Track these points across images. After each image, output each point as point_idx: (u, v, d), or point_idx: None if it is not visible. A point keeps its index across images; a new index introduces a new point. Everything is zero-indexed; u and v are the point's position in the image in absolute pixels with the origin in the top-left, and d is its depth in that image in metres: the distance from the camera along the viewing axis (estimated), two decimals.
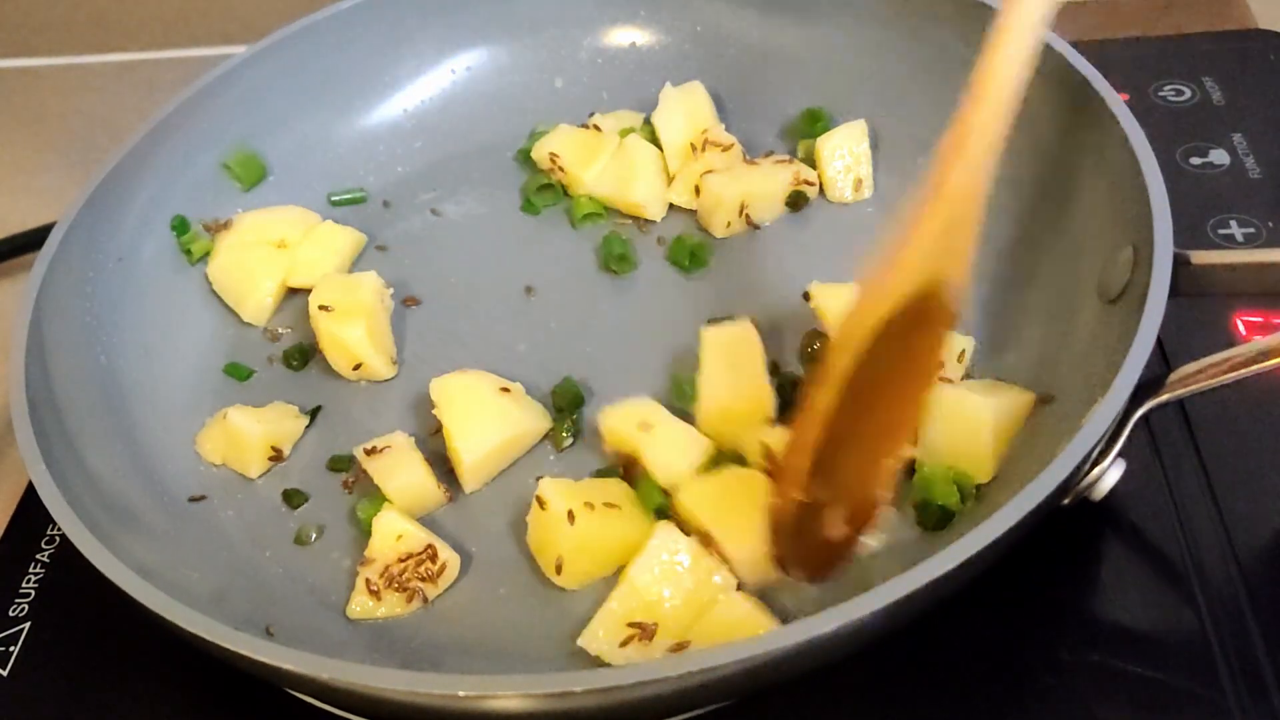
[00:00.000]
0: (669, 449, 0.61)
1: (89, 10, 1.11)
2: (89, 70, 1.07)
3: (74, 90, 1.05)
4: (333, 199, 0.81)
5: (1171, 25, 0.94)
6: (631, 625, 0.54)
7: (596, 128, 0.80)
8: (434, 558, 0.59)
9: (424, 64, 0.85)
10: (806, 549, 0.54)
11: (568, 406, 0.66)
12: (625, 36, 0.86)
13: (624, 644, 0.54)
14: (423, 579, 0.59)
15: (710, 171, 0.75)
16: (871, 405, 0.51)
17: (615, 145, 0.78)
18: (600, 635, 0.55)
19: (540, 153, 0.80)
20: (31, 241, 0.86)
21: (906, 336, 0.50)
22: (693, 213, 0.77)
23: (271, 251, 0.74)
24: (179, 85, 0.77)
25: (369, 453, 0.63)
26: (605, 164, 0.78)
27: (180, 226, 0.74)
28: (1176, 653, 0.55)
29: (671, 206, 0.78)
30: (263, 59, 0.79)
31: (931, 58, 0.76)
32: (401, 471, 0.62)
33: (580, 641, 0.55)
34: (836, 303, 0.65)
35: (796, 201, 0.75)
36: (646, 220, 0.77)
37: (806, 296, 0.67)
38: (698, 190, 0.76)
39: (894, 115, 0.77)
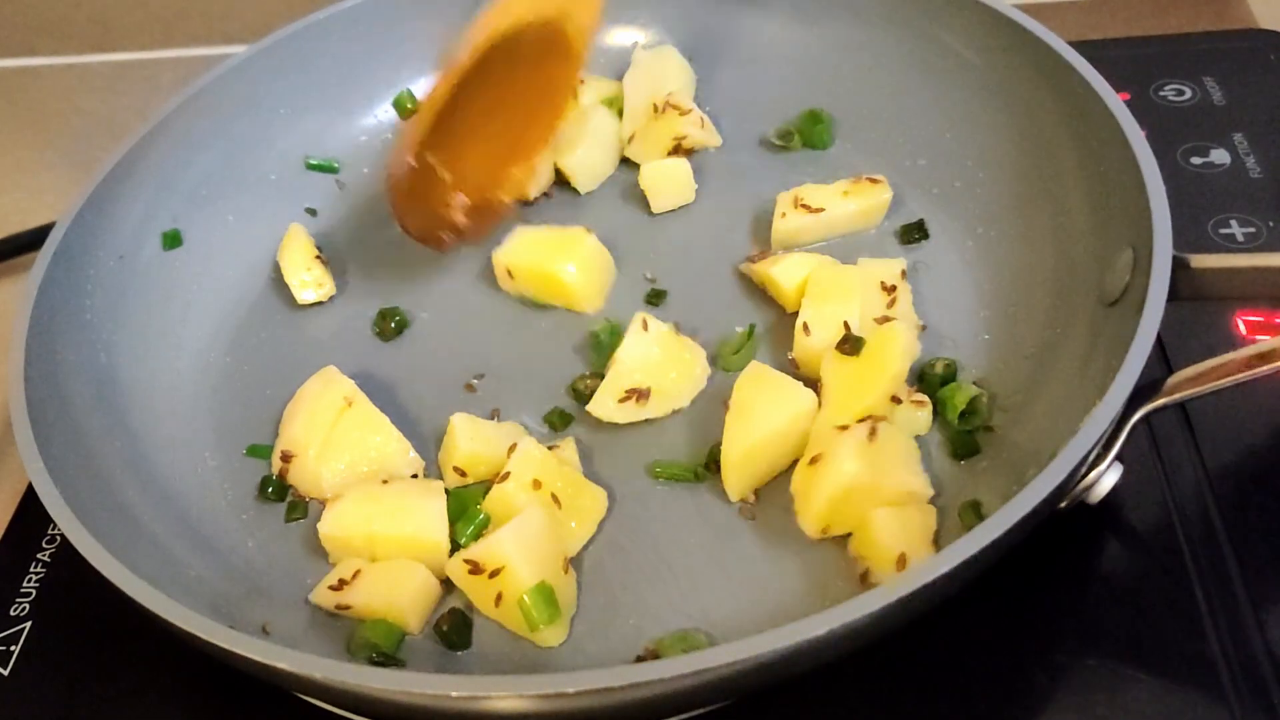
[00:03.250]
0: None
1: (89, 10, 1.11)
2: (89, 70, 1.07)
3: (74, 90, 1.05)
4: (310, 162, 0.81)
5: (1171, 25, 0.94)
6: (627, 391, 0.63)
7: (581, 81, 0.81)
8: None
9: (425, 63, 0.84)
10: (424, 216, 0.66)
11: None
12: (628, 36, 0.86)
13: (621, 400, 0.63)
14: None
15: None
16: (498, 112, 0.62)
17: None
18: (605, 402, 0.63)
19: None
20: (32, 241, 0.86)
21: (536, 59, 0.61)
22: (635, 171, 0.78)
23: None
24: (179, 85, 0.77)
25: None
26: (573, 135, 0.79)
27: (173, 239, 0.75)
28: (1176, 655, 0.55)
29: (624, 161, 0.80)
30: (263, 59, 0.79)
31: (931, 57, 0.76)
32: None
33: (589, 408, 0.64)
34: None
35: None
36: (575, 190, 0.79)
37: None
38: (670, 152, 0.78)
39: (894, 114, 0.77)
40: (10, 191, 0.95)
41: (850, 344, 0.61)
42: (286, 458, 0.64)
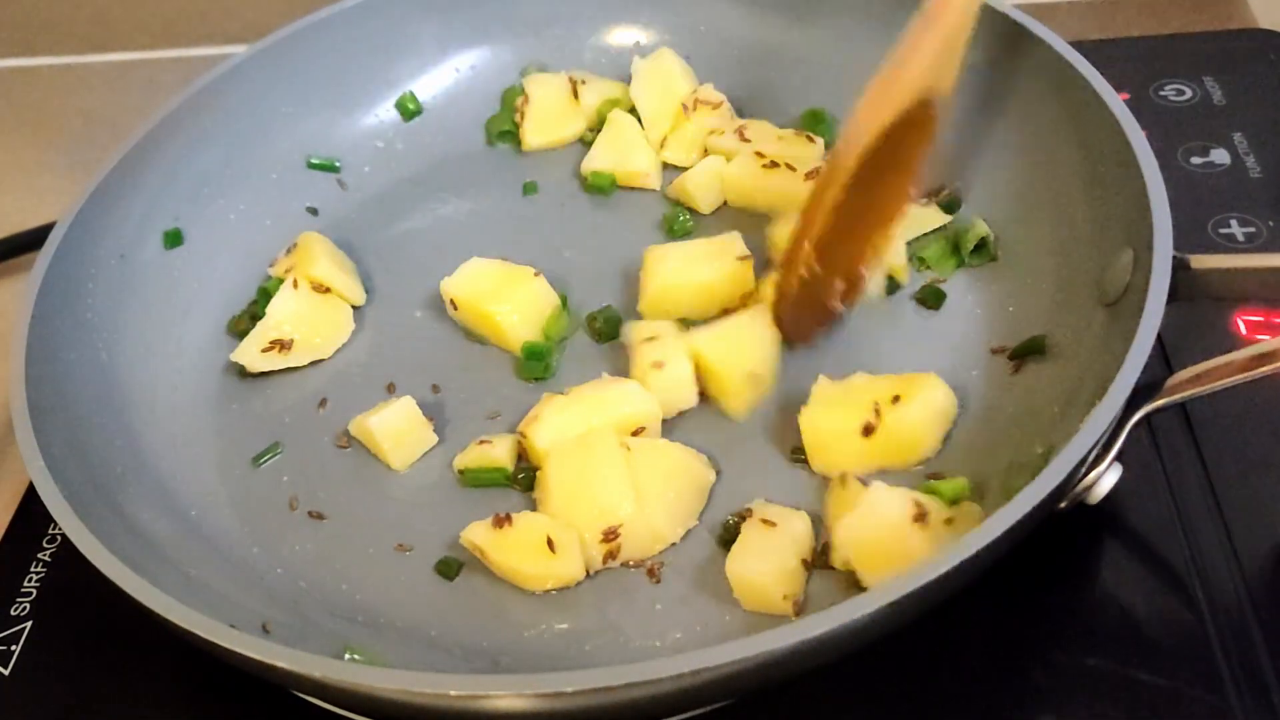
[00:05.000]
0: None
1: (89, 10, 1.11)
2: (89, 70, 1.07)
3: (74, 90, 1.05)
4: (311, 162, 0.81)
5: (1171, 25, 0.94)
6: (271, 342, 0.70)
7: (581, 82, 0.82)
8: None
9: (427, 63, 0.85)
10: (804, 319, 0.65)
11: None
12: (629, 36, 0.86)
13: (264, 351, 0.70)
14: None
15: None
16: (867, 197, 0.61)
17: (586, 107, 0.81)
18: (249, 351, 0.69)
19: (512, 98, 0.84)
20: (32, 241, 0.87)
21: (900, 139, 0.60)
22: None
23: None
24: (179, 85, 0.77)
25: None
26: (599, 140, 0.80)
27: (174, 238, 0.75)
28: (1178, 656, 0.55)
29: (666, 166, 0.80)
30: (263, 59, 0.79)
31: None
32: None
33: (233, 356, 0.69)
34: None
35: None
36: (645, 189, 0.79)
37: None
38: (706, 151, 0.78)
39: None
40: (10, 191, 0.95)
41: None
42: (611, 536, 0.59)
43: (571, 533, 0.59)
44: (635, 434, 0.63)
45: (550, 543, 0.58)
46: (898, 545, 0.55)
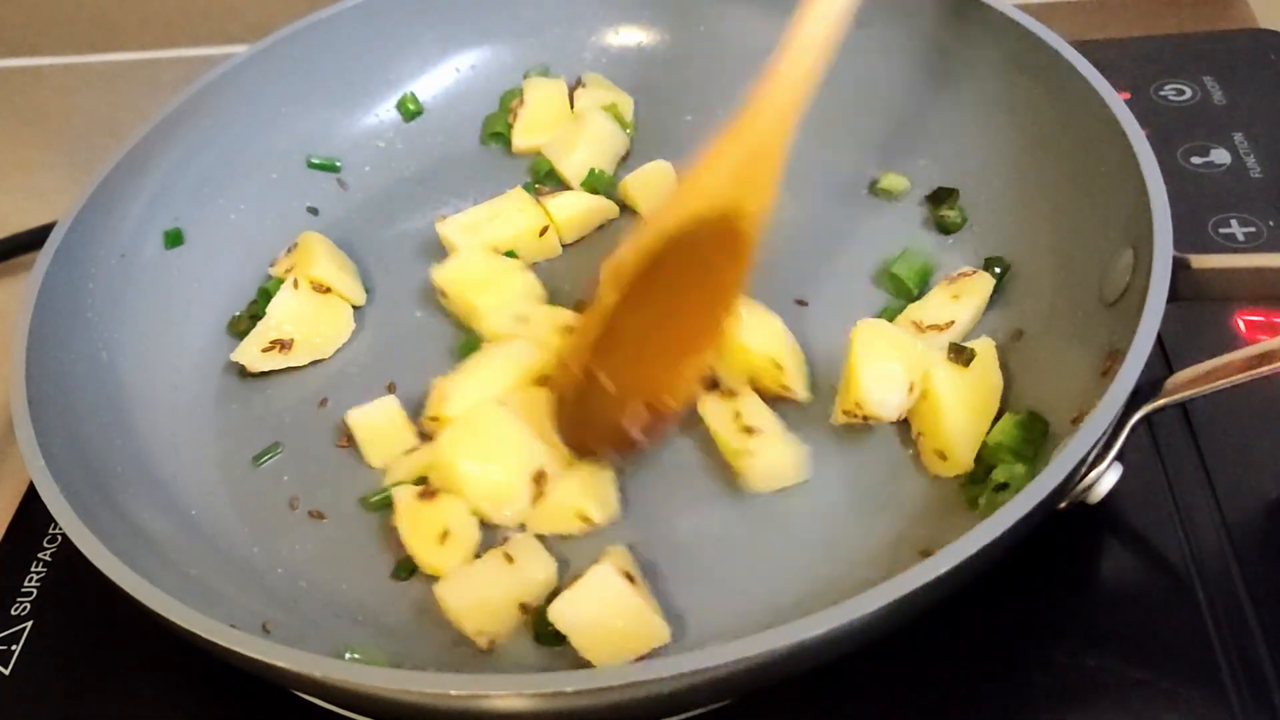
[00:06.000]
0: None
1: (89, 10, 1.11)
2: (89, 70, 1.07)
3: (74, 90, 1.05)
4: (311, 161, 0.81)
5: (1171, 25, 0.94)
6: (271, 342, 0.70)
7: (582, 85, 0.82)
8: None
9: (428, 63, 0.85)
10: (590, 432, 0.60)
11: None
12: (631, 36, 0.86)
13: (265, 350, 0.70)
14: None
15: None
16: (666, 313, 0.57)
17: (579, 113, 0.81)
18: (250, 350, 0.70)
19: (509, 100, 0.84)
20: (32, 240, 0.86)
21: (702, 257, 0.55)
22: None
23: None
24: (179, 85, 0.77)
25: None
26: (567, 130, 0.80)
27: (174, 238, 0.75)
28: (1178, 656, 0.55)
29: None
30: (263, 59, 0.79)
31: (931, 57, 0.76)
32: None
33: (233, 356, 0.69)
34: (648, 195, 0.75)
35: None
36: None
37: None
38: None
39: (894, 114, 0.77)
40: (10, 191, 0.95)
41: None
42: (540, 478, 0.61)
43: (470, 528, 0.60)
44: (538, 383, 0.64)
45: (444, 535, 0.59)
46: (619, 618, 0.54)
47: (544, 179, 0.80)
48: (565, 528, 0.61)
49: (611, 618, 0.54)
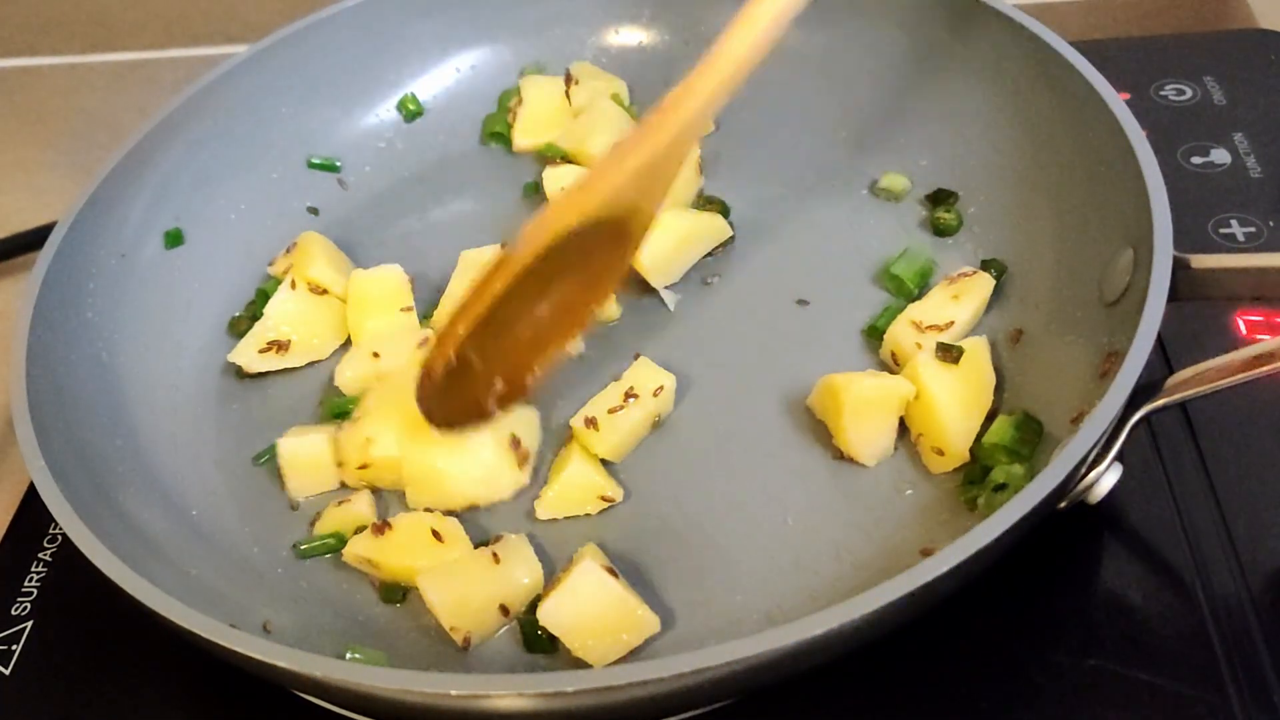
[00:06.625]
0: None
1: (89, 10, 1.11)
2: (90, 70, 1.07)
3: (75, 90, 1.05)
4: (311, 161, 0.81)
5: (1171, 25, 0.94)
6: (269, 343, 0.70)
7: (575, 82, 0.82)
8: None
9: (428, 63, 0.85)
10: (451, 406, 0.61)
11: None
12: (631, 36, 0.86)
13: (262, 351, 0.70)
14: None
15: None
16: (541, 299, 0.59)
17: (577, 109, 0.81)
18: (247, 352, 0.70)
19: (508, 100, 0.84)
20: (33, 241, 0.87)
21: (591, 250, 0.57)
22: None
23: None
24: (179, 85, 0.77)
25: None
26: (569, 119, 0.80)
27: (174, 238, 0.75)
28: (1179, 656, 0.55)
29: None
30: (263, 59, 0.79)
31: (932, 57, 0.76)
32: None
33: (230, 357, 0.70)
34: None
35: None
36: None
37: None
38: None
39: (895, 114, 0.77)
40: (11, 191, 0.95)
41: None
42: (516, 444, 0.63)
43: (453, 520, 0.60)
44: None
45: (436, 534, 0.59)
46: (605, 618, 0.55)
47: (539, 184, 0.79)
48: (580, 509, 0.62)
49: (602, 613, 0.55)
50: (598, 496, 0.62)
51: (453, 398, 0.60)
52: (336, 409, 0.68)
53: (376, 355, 0.68)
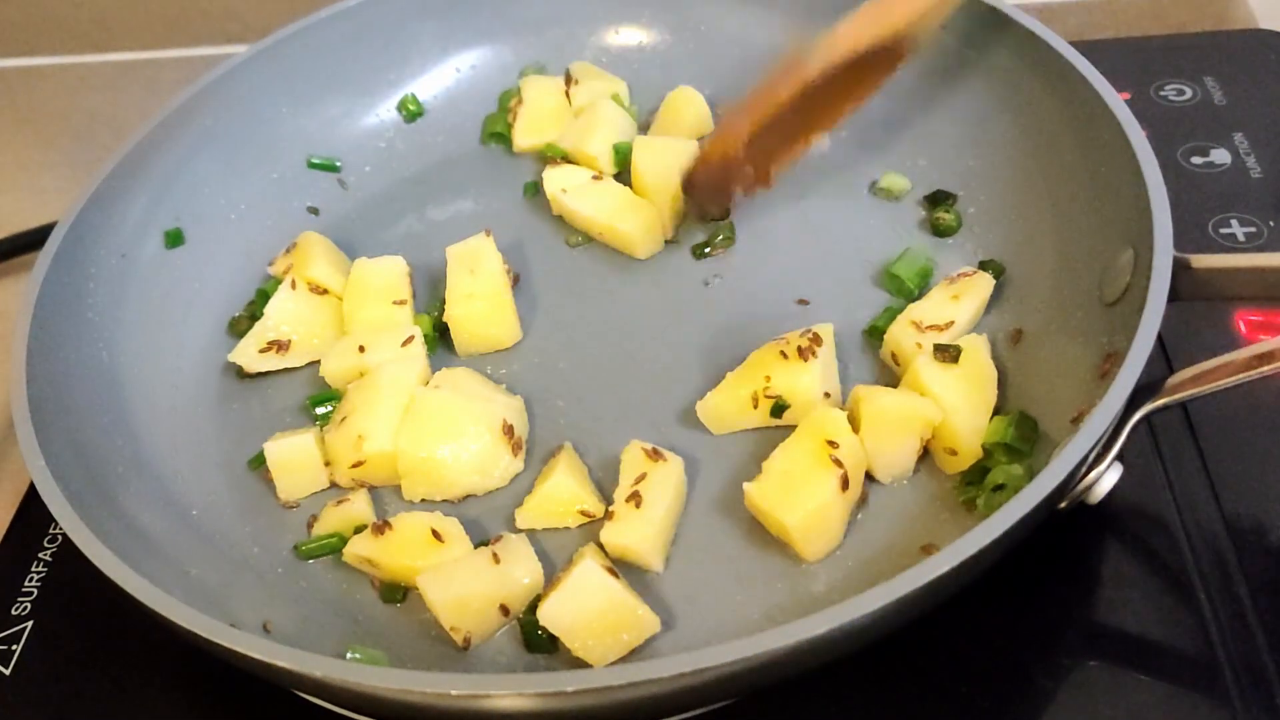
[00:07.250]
0: None
1: (89, 10, 1.11)
2: (90, 70, 1.07)
3: (75, 90, 1.05)
4: (311, 161, 0.81)
5: (1171, 25, 0.94)
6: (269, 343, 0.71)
7: (575, 83, 0.82)
8: None
9: (428, 63, 0.85)
10: (707, 191, 0.71)
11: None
12: (631, 36, 0.86)
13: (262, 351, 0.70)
14: None
15: None
16: (808, 108, 0.65)
17: (577, 110, 0.81)
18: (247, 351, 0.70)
19: (508, 100, 0.84)
20: (33, 240, 0.87)
21: (864, 67, 0.64)
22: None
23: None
24: (179, 85, 0.77)
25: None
26: (570, 119, 0.81)
27: (174, 238, 0.75)
28: (1179, 656, 0.55)
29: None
30: (264, 59, 0.79)
31: (933, 57, 0.76)
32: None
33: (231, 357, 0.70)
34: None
35: None
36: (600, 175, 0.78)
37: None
38: None
39: (895, 114, 0.77)
40: (11, 191, 0.95)
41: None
42: (509, 431, 0.64)
43: (453, 519, 0.60)
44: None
45: (436, 533, 0.59)
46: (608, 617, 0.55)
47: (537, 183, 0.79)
48: (559, 522, 0.61)
49: (602, 613, 0.55)
50: (576, 510, 0.61)
51: (712, 184, 0.69)
52: (317, 400, 0.68)
53: (362, 349, 0.68)
